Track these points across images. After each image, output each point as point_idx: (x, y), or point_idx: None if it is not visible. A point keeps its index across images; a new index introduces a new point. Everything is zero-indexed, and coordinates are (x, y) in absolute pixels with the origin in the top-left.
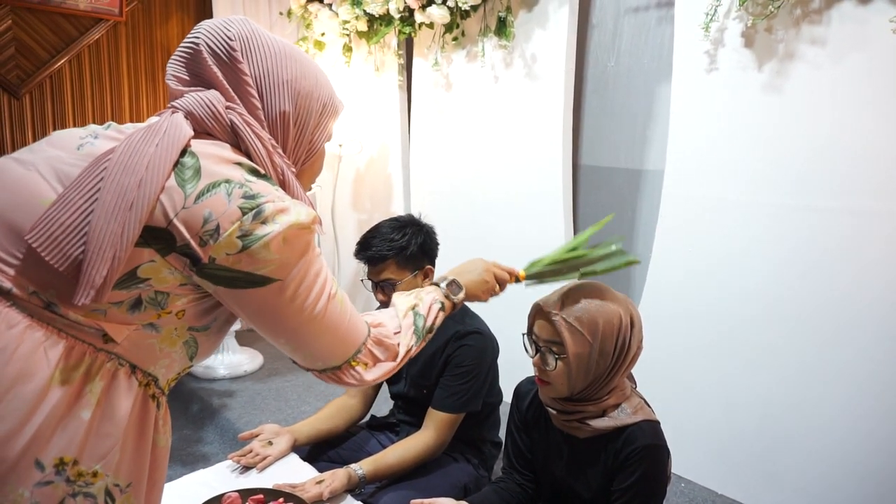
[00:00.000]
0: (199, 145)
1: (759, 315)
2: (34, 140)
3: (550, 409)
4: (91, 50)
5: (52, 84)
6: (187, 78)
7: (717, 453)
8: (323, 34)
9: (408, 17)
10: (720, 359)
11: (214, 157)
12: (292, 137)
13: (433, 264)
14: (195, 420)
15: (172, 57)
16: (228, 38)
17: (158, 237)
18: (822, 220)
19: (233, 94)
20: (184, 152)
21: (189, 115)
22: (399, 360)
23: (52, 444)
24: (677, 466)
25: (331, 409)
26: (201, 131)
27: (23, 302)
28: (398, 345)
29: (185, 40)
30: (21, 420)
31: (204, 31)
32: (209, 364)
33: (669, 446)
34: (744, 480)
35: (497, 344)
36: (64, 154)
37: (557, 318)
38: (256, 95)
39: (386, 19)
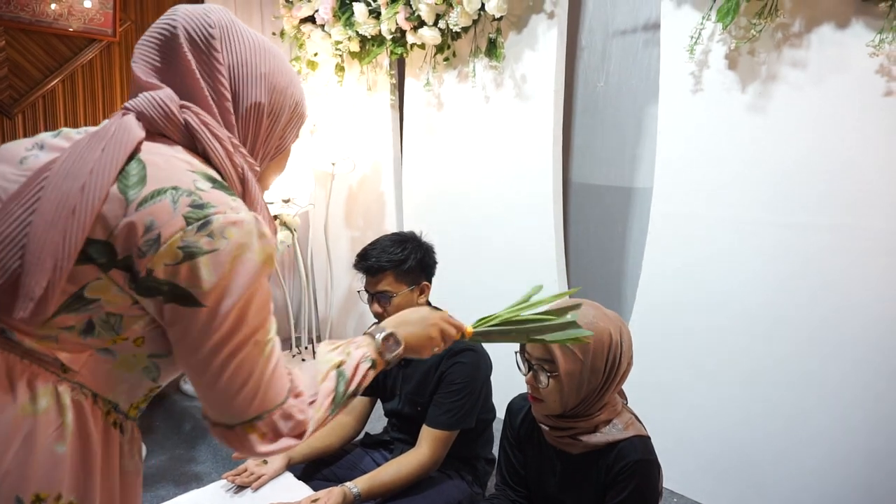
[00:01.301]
0: (149, 148)
1: (748, 330)
2: None
3: (543, 426)
4: (84, 70)
5: (45, 104)
6: (158, 63)
7: (709, 467)
8: (316, 54)
9: (399, 38)
10: (710, 374)
11: (164, 161)
12: (264, 130)
13: (430, 282)
14: (188, 439)
15: (144, 38)
16: (209, 24)
17: (100, 251)
18: (807, 235)
19: (202, 82)
20: (133, 157)
21: (141, 117)
22: (304, 439)
23: (28, 480)
24: (669, 481)
25: (325, 428)
26: (155, 133)
27: None
28: (308, 420)
29: (161, 21)
30: None
31: (182, 16)
32: None
33: (661, 461)
34: (735, 494)
35: (490, 361)
36: (7, 169)
37: None
38: (228, 86)
39: (378, 40)
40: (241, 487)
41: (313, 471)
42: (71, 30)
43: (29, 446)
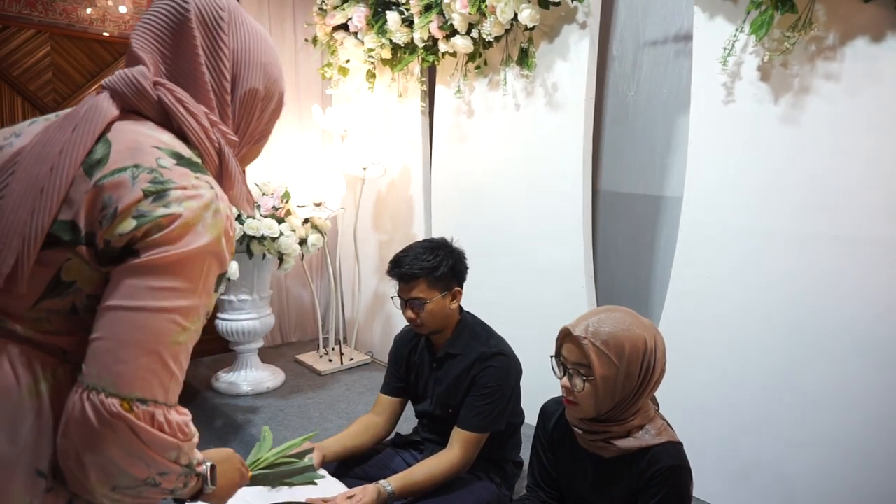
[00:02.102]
0: (119, 127)
1: (778, 340)
2: None
3: (577, 429)
4: None
5: None
6: (163, 36)
7: (736, 475)
8: (347, 61)
9: (431, 45)
10: (739, 383)
11: (129, 140)
12: (256, 114)
13: (461, 287)
14: (220, 435)
15: (153, 9)
16: (220, 7)
17: (65, 228)
18: (838, 246)
19: (203, 61)
20: (102, 137)
21: (114, 94)
22: (171, 453)
23: (47, 454)
24: (695, 488)
25: (357, 427)
26: (129, 110)
27: None
28: (180, 434)
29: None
30: (11, 435)
31: None
32: (233, 381)
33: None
34: (761, 503)
35: (520, 366)
36: None
37: (586, 342)
38: (229, 69)
39: (410, 48)
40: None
41: (345, 469)
42: (105, 34)
43: (40, 424)
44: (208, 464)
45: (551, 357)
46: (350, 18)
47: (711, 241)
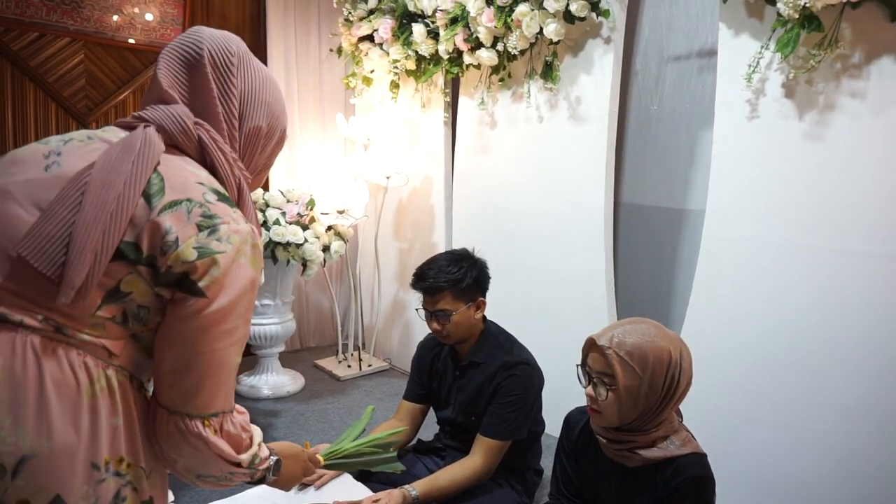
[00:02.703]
0: (166, 161)
1: (801, 354)
2: None
3: (601, 438)
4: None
5: (117, 113)
6: (181, 77)
7: (758, 490)
8: (372, 71)
9: (456, 57)
10: (761, 397)
11: (178, 174)
12: (259, 150)
13: (485, 297)
14: None
15: (170, 51)
16: (230, 52)
17: (130, 249)
18: (861, 262)
19: (218, 101)
20: (154, 170)
21: (161, 130)
22: (230, 460)
23: (99, 448)
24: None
25: (380, 433)
26: (170, 144)
27: (37, 330)
28: (245, 434)
29: (188, 39)
30: (70, 431)
31: (209, 40)
32: (254, 384)
33: None
34: None
35: (543, 376)
36: (35, 177)
37: (610, 352)
38: (238, 108)
39: (435, 59)
40: (303, 485)
41: (369, 473)
42: (132, 42)
43: (95, 422)
44: (273, 459)
45: (577, 366)
46: (376, 30)
47: (734, 254)
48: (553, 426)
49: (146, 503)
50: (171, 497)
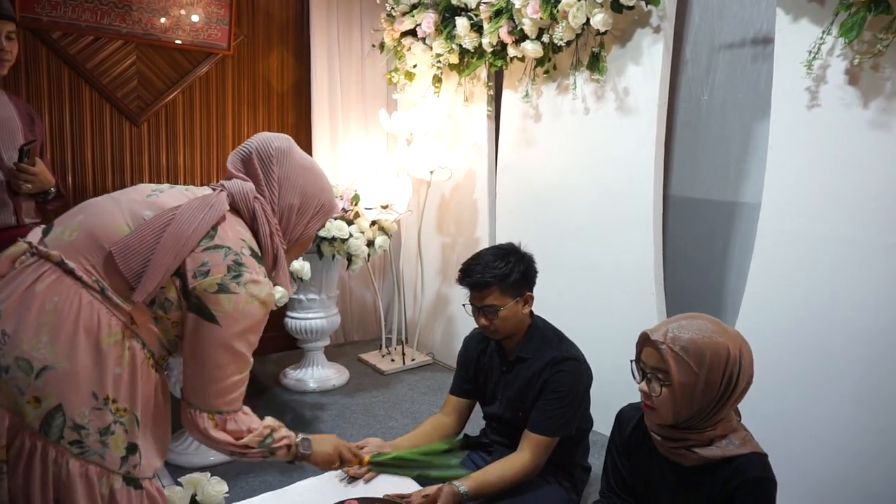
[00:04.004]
0: (227, 219)
1: (860, 353)
2: (149, 163)
3: (655, 436)
4: (201, 82)
5: (167, 113)
6: (240, 167)
7: (816, 493)
8: (415, 66)
9: (500, 50)
10: (818, 397)
11: (230, 231)
12: (293, 223)
13: (532, 291)
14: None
15: (235, 151)
16: (271, 149)
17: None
18: None
19: (263, 184)
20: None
21: (230, 196)
22: (237, 445)
23: (102, 384)
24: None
25: (427, 427)
26: (233, 208)
27: (88, 285)
28: (244, 433)
29: (246, 144)
30: (84, 361)
31: (257, 142)
32: (300, 377)
33: None
34: None
35: (591, 372)
36: (138, 198)
37: (664, 347)
38: (278, 189)
39: (478, 52)
40: (353, 479)
41: None
42: (179, 42)
43: (101, 362)
44: (299, 437)
45: (631, 361)
46: (419, 24)
47: (791, 249)
48: (601, 423)
49: (132, 445)
50: (158, 463)
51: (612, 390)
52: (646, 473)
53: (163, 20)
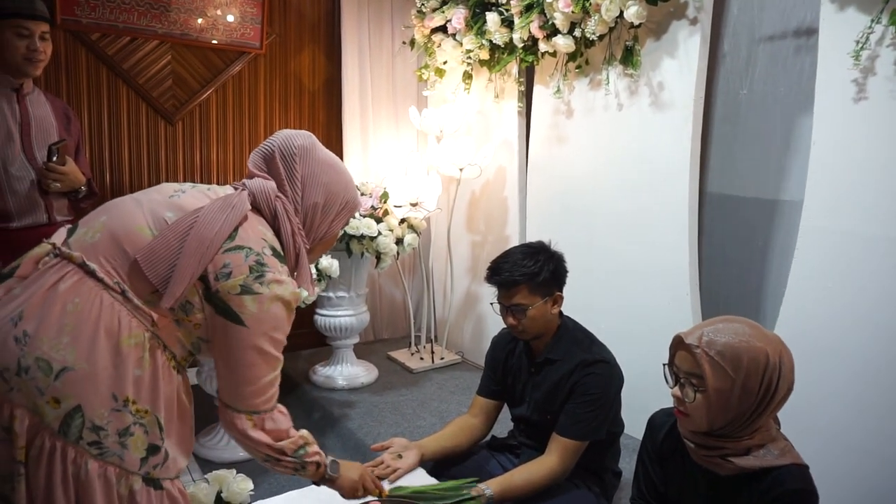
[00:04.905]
0: (248, 219)
1: None
2: (184, 161)
3: (689, 443)
4: (234, 80)
5: (201, 112)
6: (262, 165)
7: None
8: (445, 62)
9: (531, 45)
10: (863, 408)
11: (251, 231)
12: (318, 221)
13: (562, 291)
14: (317, 427)
15: (257, 149)
16: (294, 146)
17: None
18: None
19: (286, 183)
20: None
21: (252, 195)
22: (275, 446)
23: (122, 386)
24: None
25: (454, 428)
26: (254, 207)
27: (109, 287)
28: (287, 430)
29: (267, 142)
30: (104, 363)
31: (279, 140)
32: (329, 374)
33: None
34: None
35: (622, 374)
36: (160, 199)
37: (699, 351)
38: (301, 188)
39: (509, 48)
40: (378, 478)
41: (442, 469)
42: (214, 42)
43: (121, 363)
44: (329, 459)
45: (664, 365)
46: (449, 20)
47: (835, 249)
48: (632, 427)
49: (152, 447)
50: (183, 464)
51: (645, 394)
52: (679, 481)
53: (199, 20)
